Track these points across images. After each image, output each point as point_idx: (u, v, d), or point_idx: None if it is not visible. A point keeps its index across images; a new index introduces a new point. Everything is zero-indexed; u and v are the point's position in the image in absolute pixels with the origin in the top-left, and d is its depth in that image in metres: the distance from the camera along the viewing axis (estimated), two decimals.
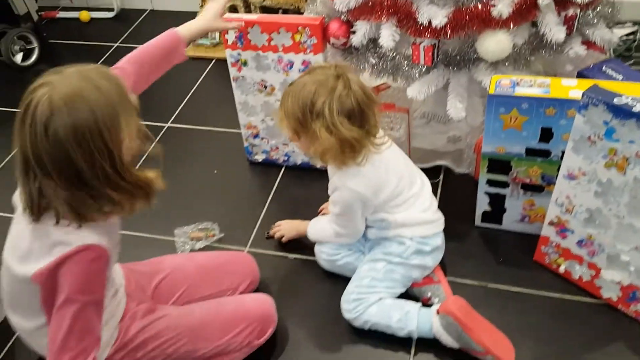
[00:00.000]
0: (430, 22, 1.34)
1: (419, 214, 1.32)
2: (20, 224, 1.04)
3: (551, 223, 1.35)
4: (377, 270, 1.33)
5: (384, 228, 1.34)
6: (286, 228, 1.55)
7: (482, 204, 1.50)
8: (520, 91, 1.26)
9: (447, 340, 1.25)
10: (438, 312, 1.26)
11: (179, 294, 1.33)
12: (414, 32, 1.39)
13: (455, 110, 1.44)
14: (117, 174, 0.96)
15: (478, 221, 1.54)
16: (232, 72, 1.65)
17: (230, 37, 1.57)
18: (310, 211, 1.60)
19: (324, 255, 1.45)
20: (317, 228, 1.45)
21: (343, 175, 1.26)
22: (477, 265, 1.46)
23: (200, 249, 1.58)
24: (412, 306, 1.30)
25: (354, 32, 1.49)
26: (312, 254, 1.49)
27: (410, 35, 1.41)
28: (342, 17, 1.51)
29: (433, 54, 1.42)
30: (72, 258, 0.97)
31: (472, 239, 1.52)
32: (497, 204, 1.48)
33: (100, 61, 2.45)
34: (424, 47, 1.41)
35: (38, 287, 1.01)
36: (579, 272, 1.35)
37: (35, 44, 2.48)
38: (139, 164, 1.07)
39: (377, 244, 1.37)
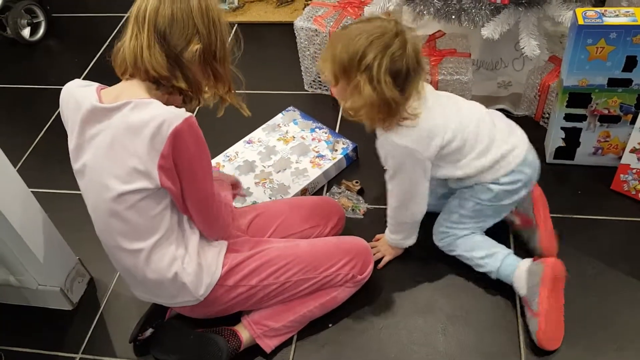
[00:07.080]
0: None
1: (489, 162, 1.23)
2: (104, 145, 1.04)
3: (633, 150, 1.39)
4: (466, 209, 1.32)
5: (463, 181, 1.29)
6: (384, 249, 1.43)
7: (556, 140, 1.53)
8: (609, 20, 1.29)
9: (520, 283, 1.25)
10: (534, 259, 1.27)
11: (272, 230, 1.34)
12: None
13: (529, 47, 1.46)
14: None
15: (550, 158, 1.57)
16: None
17: None
18: None
19: None
20: (390, 224, 1.36)
21: (386, 132, 1.20)
22: (558, 200, 1.49)
23: None
24: (501, 250, 1.31)
25: None
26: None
27: None
28: None
29: None
30: (183, 128, 0.99)
31: (546, 176, 1.54)
32: (572, 139, 1.51)
33: (115, 30, 2.34)
34: None
35: (163, 179, 1.02)
36: None
37: (41, 18, 2.36)
38: None
39: (462, 189, 1.33)
